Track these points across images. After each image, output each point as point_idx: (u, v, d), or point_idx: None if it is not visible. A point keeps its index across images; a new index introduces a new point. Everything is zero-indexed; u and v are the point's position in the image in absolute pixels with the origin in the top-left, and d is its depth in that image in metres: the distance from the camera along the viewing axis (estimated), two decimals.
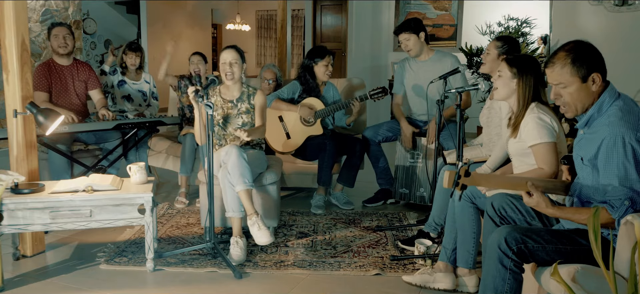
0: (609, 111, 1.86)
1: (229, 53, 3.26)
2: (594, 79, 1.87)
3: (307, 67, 4.07)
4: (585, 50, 1.88)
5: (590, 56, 1.87)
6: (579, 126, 1.97)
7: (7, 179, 2.66)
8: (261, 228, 2.93)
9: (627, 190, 1.78)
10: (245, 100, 3.34)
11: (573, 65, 1.87)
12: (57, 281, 2.75)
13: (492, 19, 6.56)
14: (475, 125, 5.86)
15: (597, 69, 1.87)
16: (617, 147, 1.78)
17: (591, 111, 1.90)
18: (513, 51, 3.04)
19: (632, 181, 1.78)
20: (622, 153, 1.78)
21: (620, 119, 1.81)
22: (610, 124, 1.82)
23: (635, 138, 1.78)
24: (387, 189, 4.12)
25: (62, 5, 5.54)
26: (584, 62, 1.86)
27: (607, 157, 1.81)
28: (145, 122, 3.77)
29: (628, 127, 1.79)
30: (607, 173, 1.81)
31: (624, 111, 1.83)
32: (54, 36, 3.82)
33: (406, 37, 3.83)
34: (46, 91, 3.77)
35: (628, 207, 1.77)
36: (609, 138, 1.80)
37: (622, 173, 1.78)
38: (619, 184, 1.78)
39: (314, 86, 4.06)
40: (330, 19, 9.51)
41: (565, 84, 1.90)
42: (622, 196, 1.78)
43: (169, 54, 4.29)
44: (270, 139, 4.00)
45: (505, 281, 1.90)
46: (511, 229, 1.92)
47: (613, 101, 1.87)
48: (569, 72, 1.88)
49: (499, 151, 2.81)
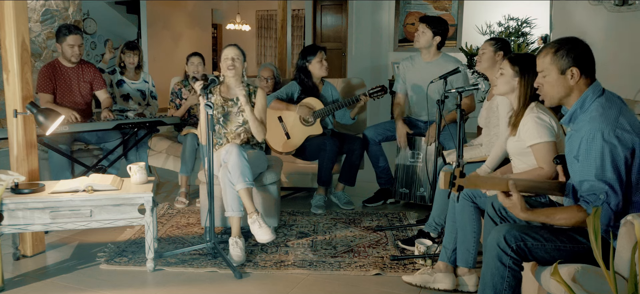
0: (591, 107, 1.88)
1: (231, 50, 3.28)
2: (573, 74, 1.89)
3: (302, 67, 4.07)
4: (571, 45, 1.90)
5: (574, 51, 1.89)
6: (563, 121, 1.99)
7: (7, 179, 2.66)
8: (262, 226, 2.93)
9: (603, 185, 1.78)
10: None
11: (554, 55, 1.91)
12: (57, 281, 2.75)
13: (492, 19, 6.55)
14: (475, 125, 5.86)
15: (577, 64, 1.89)
16: (595, 142, 1.79)
17: (574, 106, 1.92)
18: (507, 49, 3.11)
19: (607, 176, 1.78)
20: (600, 148, 1.78)
21: (601, 115, 1.83)
22: (591, 119, 1.84)
23: (614, 134, 1.78)
24: (387, 189, 4.12)
25: (62, 5, 5.54)
26: (565, 54, 1.89)
27: (587, 152, 1.82)
28: (145, 122, 3.77)
29: (607, 123, 1.80)
30: (586, 168, 1.82)
31: (605, 107, 1.85)
32: (69, 46, 3.78)
33: (423, 30, 3.84)
34: (51, 93, 3.77)
35: (603, 202, 1.78)
36: (588, 133, 1.82)
37: (599, 168, 1.78)
38: (594, 179, 1.79)
39: (312, 85, 4.06)
40: (330, 19, 9.51)
41: (545, 73, 1.95)
42: (597, 191, 1.79)
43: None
44: (270, 139, 4.00)
45: (504, 278, 1.90)
46: (510, 227, 1.92)
47: (596, 97, 1.89)
48: (549, 61, 1.92)
49: (498, 150, 2.81)
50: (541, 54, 1.97)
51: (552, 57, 1.92)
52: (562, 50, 1.91)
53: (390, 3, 8.05)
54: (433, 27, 3.82)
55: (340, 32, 9.41)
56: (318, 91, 4.09)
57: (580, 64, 1.89)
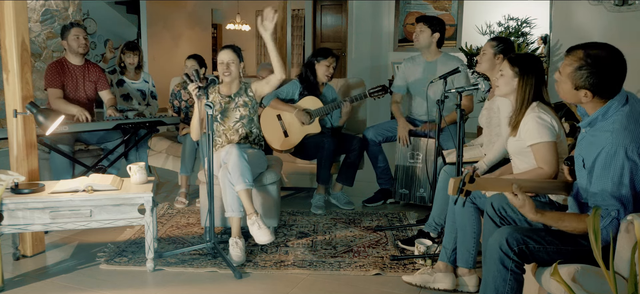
0: (614, 117, 1.81)
1: (226, 54, 3.29)
2: (586, 94, 1.83)
3: (310, 64, 4.08)
4: (596, 68, 1.79)
5: (596, 76, 1.79)
6: (582, 124, 1.93)
7: (7, 179, 2.66)
8: (261, 227, 2.93)
9: (616, 202, 1.76)
10: (243, 94, 3.36)
11: (575, 72, 1.83)
12: (57, 281, 2.75)
13: (492, 19, 6.55)
14: (475, 125, 5.86)
15: (593, 90, 1.81)
16: (617, 157, 1.75)
17: (596, 113, 1.85)
18: (508, 51, 3.06)
19: (623, 194, 1.75)
20: (621, 165, 1.74)
21: (625, 128, 1.76)
22: (613, 131, 1.78)
23: (637, 152, 1.74)
24: (387, 189, 4.12)
25: (62, 5, 5.54)
26: (586, 76, 1.80)
27: (605, 165, 1.77)
28: (145, 122, 3.77)
29: (632, 138, 1.75)
30: (602, 181, 1.78)
31: (630, 119, 1.78)
32: (74, 37, 3.81)
33: (421, 29, 3.85)
34: (60, 88, 3.79)
35: (614, 218, 1.76)
36: (610, 147, 1.76)
37: (616, 184, 1.75)
38: (610, 195, 1.76)
39: (315, 84, 4.06)
40: (330, 19, 9.51)
41: (562, 77, 1.89)
42: (609, 206, 1.77)
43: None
44: (268, 137, 4.00)
45: (507, 281, 1.89)
46: (512, 229, 1.91)
47: (621, 106, 1.82)
48: (568, 72, 1.85)
49: (496, 150, 2.81)
50: (568, 57, 1.86)
51: (573, 71, 1.83)
52: (584, 70, 1.80)
53: (390, 3, 8.05)
54: (430, 24, 3.83)
55: (340, 32, 9.40)
56: (319, 90, 4.09)
57: (597, 89, 1.81)
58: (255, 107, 3.40)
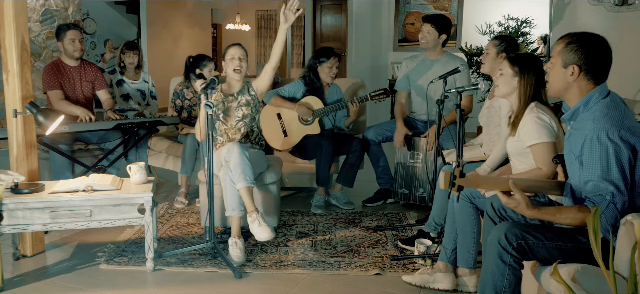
0: (595, 107, 1.86)
1: (237, 49, 3.30)
2: (573, 71, 1.88)
3: (312, 67, 4.07)
4: (584, 42, 1.88)
5: (584, 49, 1.87)
6: (564, 118, 1.97)
7: (7, 179, 2.66)
8: (262, 224, 2.93)
9: (608, 184, 1.77)
10: (245, 92, 3.36)
11: (565, 47, 1.90)
12: (57, 281, 2.75)
13: (492, 18, 6.55)
14: (475, 125, 5.86)
15: (581, 63, 1.87)
16: (600, 141, 1.78)
17: (578, 104, 1.90)
18: (512, 49, 3.04)
19: (613, 176, 1.77)
20: (605, 148, 1.77)
21: (605, 115, 1.81)
22: (594, 119, 1.82)
23: (618, 135, 1.77)
24: (387, 189, 4.12)
25: (62, 5, 5.54)
26: (574, 50, 1.88)
27: (591, 152, 1.80)
28: (145, 122, 3.77)
29: (612, 123, 1.79)
30: (591, 168, 1.81)
31: (610, 107, 1.83)
32: (70, 41, 3.80)
33: (429, 30, 3.83)
34: (60, 89, 3.78)
35: (609, 203, 1.77)
36: (591, 133, 1.80)
37: (604, 168, 1.77)
38: (599, 179, 1.78)
39: (319, 86, 4.05)
40: (330, 19, 9.51)
41: (553, 61, 1.94)
42: (602, 191, 1.78)
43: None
44: (268, 136, 4.00)
45: (505, 276, 1.89)
46: (511, 225, 1.91)
47: (601, 97, 1.87)
48: (559, 50, 1.92)
49: (499, 151, 2.81)
50: (559, 40, 1.95)
51: (562, 48, 1.91)
52: (573, 44, 1.88)
53: (390, 3, 8.05)
54: (438, 26, 3.82)
55: (340, 32, 9.40)
56: (323, 92, 4.08)
57: (585, 63, 1.87)
58: (257, 106, 3.40)
